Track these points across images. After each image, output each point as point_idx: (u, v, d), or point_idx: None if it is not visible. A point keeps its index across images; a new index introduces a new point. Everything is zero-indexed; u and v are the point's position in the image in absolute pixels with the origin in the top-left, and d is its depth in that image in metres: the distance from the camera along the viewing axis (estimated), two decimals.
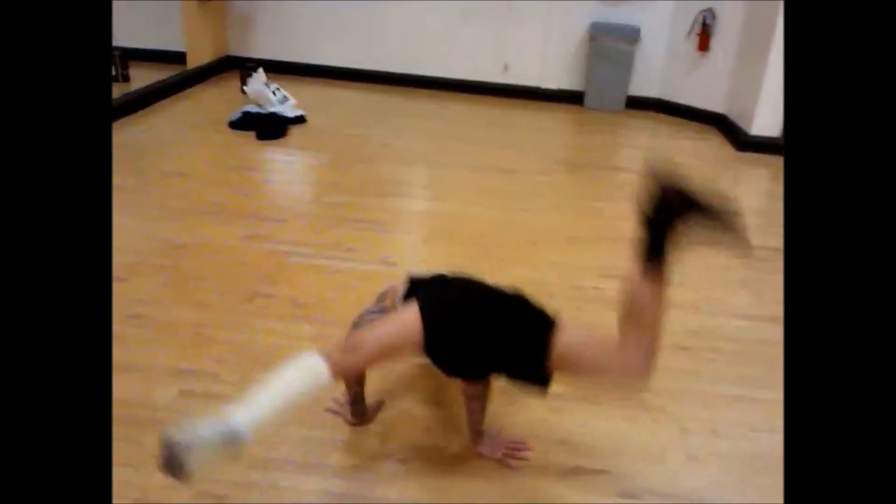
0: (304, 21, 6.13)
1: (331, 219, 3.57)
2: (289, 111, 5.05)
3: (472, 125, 5.44)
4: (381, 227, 3.53)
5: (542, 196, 4.12)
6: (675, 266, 1.61)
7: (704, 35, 5.53)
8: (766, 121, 5.03)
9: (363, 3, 6.00)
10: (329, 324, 2.62)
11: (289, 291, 2.84)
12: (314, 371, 1.70)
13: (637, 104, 5.97)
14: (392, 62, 6.22)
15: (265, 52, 6.23)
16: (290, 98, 5.15)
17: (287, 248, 3.21)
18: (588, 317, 2.81)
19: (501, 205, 3.91)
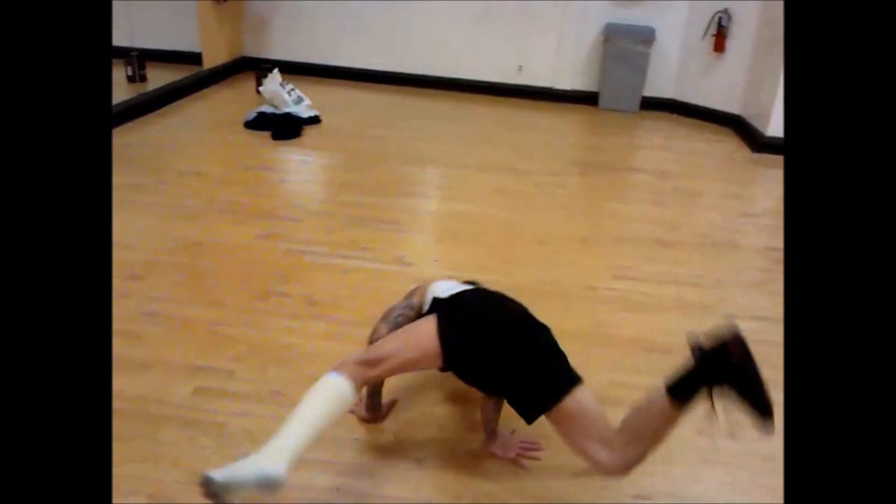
0: (320, 22, 6.16)
1: (345, 218, 3.58)
2: (303, 112, 5.08)
3: (487, 126, 5.44)
4: (396, 227, 3.54)
5: (556, 197, 4.11)
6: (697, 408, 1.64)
7: (720, 36, 5.50)
8: (783, 122, 5.00)
9: (378, 6, 6.03)
10: (343, 322, 2.63)
11: (303, 290, 2.86)
12: (341, 393, 1.74)
13: (652, 105, 5.95)
14: (406, 64, 6.23)
15: (280, 54, 6.27)
16: (305, 98, 5.18)
17: (301, 248, 3.22)
18: (601, 317, 2.81)
19: (515, 205, 3.91)
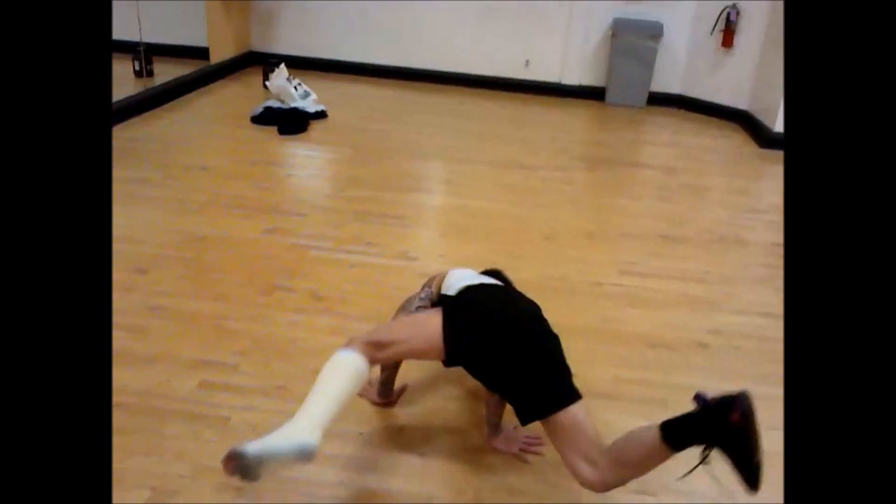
0: (327, 17, 6.16)
1: (351, 213, 3.59)
2: (310, 106, 5.08)
3: (493, 121, 5.43)
4: (401, 222, 3.54)
5: (562, 192, 4.10)
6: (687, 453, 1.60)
7: (728, 31, 5.48)
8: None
9: (385, 1, 6.02)
10: (348, 317, 2.64)
11: (308, 285, 2.86)
12: (357, 368, 1.75)
13: (659, 100, 5.93)
14: (412, 59, 6.23)
15: (287, 49, 6.27)
16: (312, 93, 5.18)
17: (307, 242, 3.23)
18: (607, 313, 2.80)
19: (522, 200, 3.91)
